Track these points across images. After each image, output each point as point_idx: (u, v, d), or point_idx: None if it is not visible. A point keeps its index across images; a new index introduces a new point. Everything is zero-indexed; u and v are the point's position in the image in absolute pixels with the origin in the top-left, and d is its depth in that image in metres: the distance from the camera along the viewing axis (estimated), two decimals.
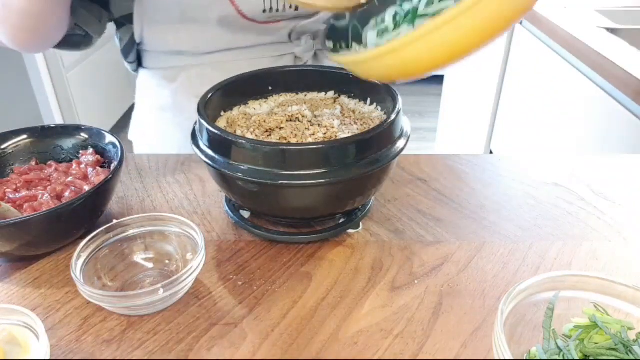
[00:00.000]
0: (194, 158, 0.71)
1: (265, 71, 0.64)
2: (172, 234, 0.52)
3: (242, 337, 0.45)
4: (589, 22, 1.22)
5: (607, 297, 0.41)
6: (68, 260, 0.53)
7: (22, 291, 0.50)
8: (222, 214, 0.61)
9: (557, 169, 0.69)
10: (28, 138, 0.62)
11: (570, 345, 0.38)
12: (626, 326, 0.39)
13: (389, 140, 0.51)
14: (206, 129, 0.51)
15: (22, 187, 0.57)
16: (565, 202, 0.62)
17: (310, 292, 0.50)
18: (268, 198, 0.52)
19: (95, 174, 0.58)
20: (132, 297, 0.45)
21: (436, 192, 0.64)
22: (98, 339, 0.45)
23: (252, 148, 0.48)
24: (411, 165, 0.70)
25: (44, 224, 0.49)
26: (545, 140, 1.35)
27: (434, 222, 0.59)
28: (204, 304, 0.48)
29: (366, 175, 0.49)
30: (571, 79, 1.19)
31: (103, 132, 0.62)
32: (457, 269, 0.52)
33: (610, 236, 0.57)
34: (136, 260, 0.53)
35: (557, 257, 0.54)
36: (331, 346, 0.44)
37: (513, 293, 0.40)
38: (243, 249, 0.55)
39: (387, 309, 0.48)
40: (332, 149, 0.48)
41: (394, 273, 0.52)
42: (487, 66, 1.70)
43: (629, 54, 1.02)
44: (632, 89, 0.93)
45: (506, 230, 0.58)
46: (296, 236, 0.55)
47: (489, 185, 0.66)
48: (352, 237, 0.57)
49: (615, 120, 1.03)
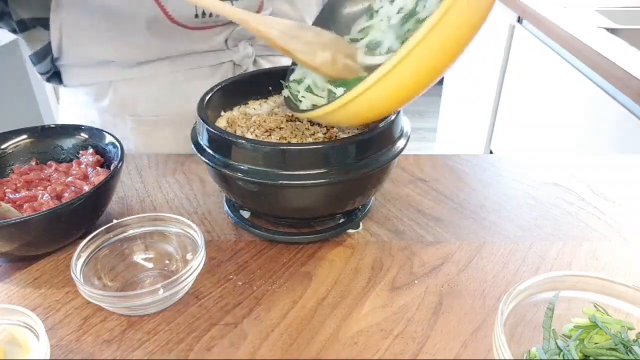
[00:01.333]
0: (194, 158, 0.71)
1: (265, 71, 0.64)
2: (172, 234, 0.52)
3: (242, 337, 0.45)
4: (589, 22, 1.22)
5: (607, 297, 0.41)
6: (68, 260, 0.53)
7: (22, 291, 0.50)
8: (222, 214, 0.61)
9: (557, 169, 0.69)
10: (28, 138, 0.62)
11: (570, 345, 0.38)
12: (626, 326, 0.39)
13: (389, 140, 0.51)
14: (206, 129, 0.51)
15: (22, 187, 0.57)
16: (565, 202, 0.62)
17: (310, 292, 0.50)
18: (268, 198, 0.52)
19: (95, 174, 0.58)
20: (132, 297, 0.45)
21: (436, 192, 0.64)
22: (98, 339, 0.45)
23: (252, 148, 0.48)
24: (411, 165, 0.70)
25: (44, 224, 0.49)
26: (545, 140, 1.35)
27: (434, 222, 0.59)
28: (204, 304, 0.48)
29: (366, 175, 0.49)
30: (571, 79, 1.19)
31: (103, 132, 0.62)
32: (457, 269, 0.52)
33: (610, 236, 0.57)
34: (136, 260, 0.53)
35: (557, 257, 0.54)
36: (331, 346, 0.44)
37: (513, 293, 0.40)
38: (243, 249, 0.55)
39: (387, 309, 0.48)
40: (332, 149, 0.48)
41: (394, 273, 0.52)
42: (487, 66, 1.70)
43: (629, 54, 1.02)
44: (632, 89, 0.93)
45: (506, 230, 0.58)
46: (296, 236, 0.55)
47: (489, 185, 0.66)
48: (352, 237, 0.57)
49: (615, 121, 1.03)
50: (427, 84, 0.44)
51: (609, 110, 1.05)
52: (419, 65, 0.41)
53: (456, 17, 0.39)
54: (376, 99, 0.44)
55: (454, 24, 0.40)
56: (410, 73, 0.42)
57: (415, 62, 0.41)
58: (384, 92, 0.43)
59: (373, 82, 0.42)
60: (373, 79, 0.41)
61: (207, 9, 0.66)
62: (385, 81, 0.42)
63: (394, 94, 0.44)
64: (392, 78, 0.41)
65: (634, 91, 0.93)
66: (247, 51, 0.75)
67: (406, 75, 0.42)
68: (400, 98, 0.45)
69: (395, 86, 0.43)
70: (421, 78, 0.43)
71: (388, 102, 0.46)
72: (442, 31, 0.39)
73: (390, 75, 0.41)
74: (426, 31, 0.39)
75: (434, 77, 0.44)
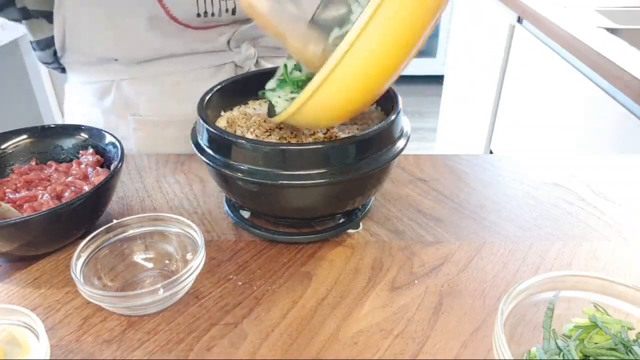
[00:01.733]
0: (194, 158, 0.71)
1: (265, 71, 0.64)
2: (172, 234, 0.52)
3: (242, 337, 0.45)
4: (589, 22, 1.22)
5: (607, 297, 0.41)
6: (68, 260, 0.53)
7: (22, 291, 0.50)
8: (222, 214, 0.61)
9: (557, 169, 0.69)
10: (28, 138, 0.62)
11: (570, 345, 0.38)
12: (626, 326, 0.39)
13: (389, 140, 0.51)
14: (206, 129, 0.51)
15: (22, 187, 0.57)
16: (565, 202, 0.62)
17: (310, 292, 0.50)
18: (268, 198, 0.52)
19: (95, 174, 0.58)
20: (132, 297, 0.45)
21: (436, 192, 0.64)
22: (98, 339, 0.45)
23: (252, 148, 0.48)
24: (411, 165, 0.70)
25: (44, 224, 0.49)
26: (545, 140, 1.35)
27: (434, 222, 0.59)
28: (204, 304, 0.48)
29: (366, 175, 0.49)
30: (571, 79, 1.19)
31: (103, 132, 0.62)
32: (457, 269, 0.52)
33: (610, 236, 0.57)
34: (136, 260, 0.53)
35: (557, 257, 0.54)
36: (331, 346, 0.44)
37: (513, 293, 0.40)
38: (243, 249, 0.55)
39: (387, 309, 0.48)
40: (332, 149, 0.48)
41: (394, 273, 0.52)
42: (487, 66, 1.70)
43: (629, 54, 1.02)
44: (632, 89, 0.93)
45: (506, 230, 0.58)
46: (296, 236, 0.55)
47: (489, 185, 0.66)
48: (352, 237, 0.57)
49: (615, 121, 1.03)
50: (382, 79, 0.44)
51: (609, 110, 1.05)
52: (358, 64, 0.41)
53: (386, 15, 0.39)
54: (327, 99, 0.44)
55: (386, 21, 0.39)
56: (352, 71, 0.42)
57: (353, 61, 0.40)
58: (332, 92, 0.43)
59: (318, 84, 0.42)
60: (317, 82, 0.42)
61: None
62: (331, 81, 0.41)
63: (345, 93, 0.44)
64: (335, 78, 0.41)
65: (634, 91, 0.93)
66: (250, 52, 0.75)
67: (348, 73, 0.42)
68: (353, 96, 0.45)
69: (341, 86, 0.43)
70: (370, 74, 0.43)
71: (342, 101, 0.45)
72: (376, 29, 0.39)
73: (333, 76, 0.41)
74: (358, 30, 0.39)
75: (387, 72, 0.43)
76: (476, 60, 1.83)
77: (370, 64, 0.42)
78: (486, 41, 1.71)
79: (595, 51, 1.04)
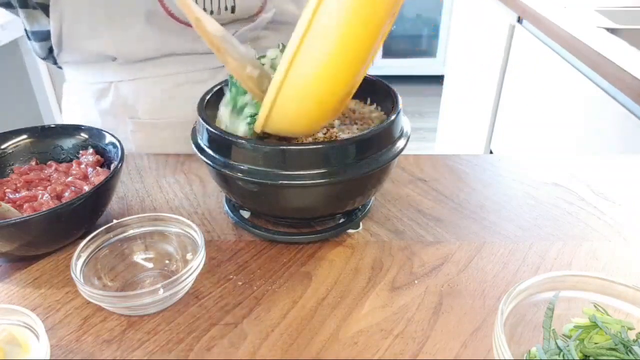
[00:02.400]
0: (194, 158, 0.71)
1: None
2: (172, 234, 0.52)
3: (242, 337, 0.45)
4: (589, 22, 1.22)
5: (607, 297, 0.41)
6: (68, 260, 0.53)
7: (22, 291, 0.50)
8: (222, 214, 0.61)
9: (557, 169, 0.69)
10: (28, 138, 0.62)
11: (570, 345, 0.38)
12: (626, 326, 0.39)
13: (389, 140, 0.51)
14: (206, 129, 0.51)
15: (22, 187, 0.57)
16: (565, 202, 0.62)
17: (310, 292, 0.50)
18: (268, 198, 0.52)
19: (95, 174, 0.58)
20: (132, 297, 0.45)
21: (436, 192, 0.64)
22: (98, 339, 0.45)
23: (252, 148, 0.48)
24: (411, 165, 0.70)
25: (44, 224, 0.49)
26: (545, 140, 1.35)
27: (434, 222, 0.59)
28: (204, 304, 0.48)
29: (366, 175, 0.49)
30: (571, 79, 1.19)
31: (103, 132, 0.62)
32: (457, 269, 0.52)
33: (610, 236, 0.57)
34: (136, 260, 0.53)
35: (557, 257, 0.54)
36: (331, 346, 0.44)
37: (513, 293, 0.40)
38: (243, 249, 0.55)
39: (387, 309, 0.48)
40: (332, 149, 0.48)
41: (394, 273, 0.52)
42: (487, 66, 1.70)
43: (629, 54, 1.02)
44: (632, 89, 0.93)
45: (506, 230, 0.58)
46: (296, 236, 0.55)
47: (489, 185, 0.66)
48: (352, 237, 0.57)
49: (615, 120, 1.03)
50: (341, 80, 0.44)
51: (609, 110, 1.05)
52: (306, 72, 0.41)
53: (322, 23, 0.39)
54: (288, 110, 0.44)
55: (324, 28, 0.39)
56: (303, 80, 0.42)
57: (299, 68, 0.41)
58: (289, 103, 0.44)
59: (275, 91, 0.42)
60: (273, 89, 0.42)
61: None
62: (285, 87, 0.42)
63: (301, 102, 0.44)
64: (289, 84, 0.42)
65: (634, 91, 0.93)
66: (250, 53, 0.75)
67: (299, 84, 0.42)
68: (313, 105, 0.45)
69: (296, 94, 0.43)
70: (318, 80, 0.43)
71: (304, 110, 0.45)
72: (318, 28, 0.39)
73: (287, 82, 0.42)
74: (303, 32, 0.39)
75: (343, 74, 0.43)
76: (476, 60, 1.83)
77: (321, 69, 0.42)
78: (486, 41, 1.71)
79: (596, 51, 1.04)
